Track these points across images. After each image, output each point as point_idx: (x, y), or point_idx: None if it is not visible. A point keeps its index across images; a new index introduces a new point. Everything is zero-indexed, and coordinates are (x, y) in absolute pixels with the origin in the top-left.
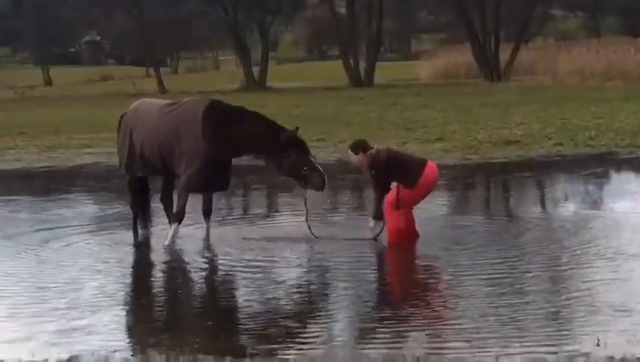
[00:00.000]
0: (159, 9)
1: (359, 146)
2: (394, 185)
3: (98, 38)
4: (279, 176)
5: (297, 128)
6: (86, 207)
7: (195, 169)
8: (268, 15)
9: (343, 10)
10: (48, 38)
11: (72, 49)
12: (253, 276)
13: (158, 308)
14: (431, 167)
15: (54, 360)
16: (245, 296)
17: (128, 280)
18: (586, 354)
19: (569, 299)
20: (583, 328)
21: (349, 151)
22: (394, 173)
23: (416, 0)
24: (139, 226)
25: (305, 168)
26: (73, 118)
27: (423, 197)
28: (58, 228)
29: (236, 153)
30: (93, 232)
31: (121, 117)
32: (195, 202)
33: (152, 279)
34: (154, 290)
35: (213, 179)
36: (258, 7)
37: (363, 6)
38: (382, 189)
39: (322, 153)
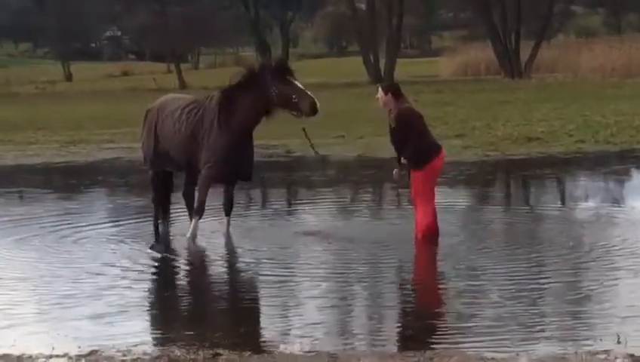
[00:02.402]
0: (180, 5)
1: (391, 88)
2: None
3: (119, 33)
4: (275, 109)
5: (284, 57)
6: (106, 202)
7: (216, 157)
8: (288, 11)
9: (363, 7)
10: (69, 34)
11: (93, 44)
12: (274, 272)
13: (178, 303)
14: (444, 153)
15: (75, 354)
16: (266, 292)
17: (149, 275)
18: (607, 352)
19: (589, 296)
20: (604, 325)
21: (379, 90)
22: (417, 133)
23: None
24: (160, 220)
25: (294, 96)
26: (94, 113)
27: (434, 183)
28: (78, 222)
29: (251, 118)
30: (113, 227)
31: (146, 112)
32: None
33: (172, 274)
34: (174, 285)
35: (233, 167)
36: (279, 4)
37: (383, 2)
38: (397, 143)
39: (342, 149)
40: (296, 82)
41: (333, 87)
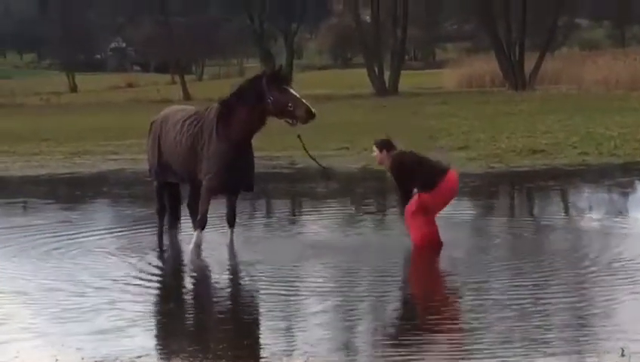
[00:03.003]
0: (184, 16)
1: (384, 145)
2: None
3: (124, 45)
4: (271, 117)
5: (281, 66)
6: (110, 213)
7: (216, 168)
8: (293, 23)
9: (367, 19)
10: (74, 45)
11: (98, 56)
12: (278, 284)
13: (182, 315)
14: (452, 174)
15: None
16: (269, 304)
17: (152, 286)
18: None
19: (593, 310)
20: (608, 339)
21: (374, 147)
22: (414, 176)
23: (441, 8)
24: (166, 231)
25: (289, 104)
26: (98, 124)
27: (443, 204)
28: (81, 233)
29: (245, 132)
30: (118, 238)
31: (151, 124)
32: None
33: (176, 285)
34: (178, 296)
35: (233, 177)
36: (283, 15)
37: (388, 14)
38: (403, 190)
39: (346, 161)
40: (292, 90)
41: (338, 99)
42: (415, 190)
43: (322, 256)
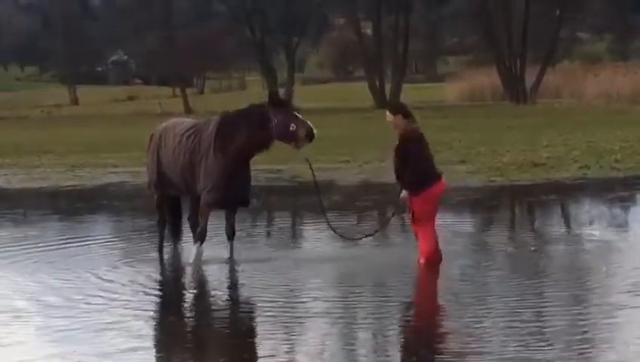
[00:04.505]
0: (186, 29)
1: (399, 108)
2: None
3: (125, 57)
4: (275, 140)
5: (277, 91)
6: (111, 226)
7: (213, 182)
8: (294, 36)
9: (369, 32)
10: (76, 58)
11: (99, 68)
12: (278, 298)
13: (183, 328)
14: (443, 183)
15: None
16: (270, 318)
17: (153, 299)
18: None
19: (593, 326)
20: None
21: (388, 112)
22: (417, 156)
23: (442, 22)
24: (169, 243)
25: (292, 125)
26: (99, 137)
27: (434, 210)
28: (83, 246)
29: (244, 152)
30: (118, 250)
31: (151, 136)
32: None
33: (177, 298)
34: (178, 310)
35: (231, 192)
36: (284, 29)
37: (389, 27)
38: (402, 162)
39: (347, 174)
40: (295, 112)
41: (339, 112)
42: (405, 192)
43: (323, 270)
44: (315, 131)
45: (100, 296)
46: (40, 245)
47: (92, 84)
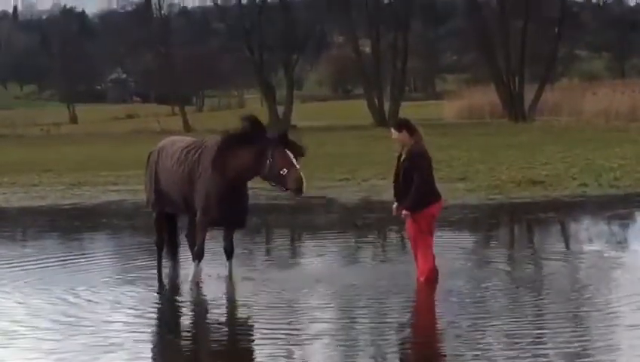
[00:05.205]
0: (185, 48)
1: (402, 124)
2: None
3: (124, 76)
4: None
5: (286, 130)
6: (110, 244)
7: (208, 202)
8: (293, 54)
9: (367, 50)
10: (74, 76)
11: (98, 87)
12: (277, 317)
13: (180, 347)
14: (441, 203)
15: None
16: (267, 337)
17: (152, 317)
18: None
19: (592, 345)
20: None
21: (392, 129)
22: (422, 170)
23: (440, 39)
24: (166, 262)
25: (284, 169)
26: (98, 155)
27: (430, 228)
28: (83, 265)
29: (240, 176)
30: (118, 269)
31: (149, 154)
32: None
33: (175, 317)
34: (177, 328)
35: (227, 212)
36: (283, 46)
37: (388, 45)
38: (422, 178)
39: (346, 192)
40: (293, 158)
41: (338, 130)
42: (405, 212)
43: (322, 289)
44: (304, 187)
45: (98, 316)
46: (38, 263)
47: (91, 102)
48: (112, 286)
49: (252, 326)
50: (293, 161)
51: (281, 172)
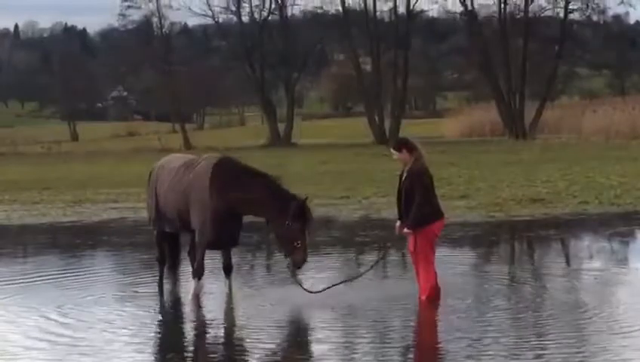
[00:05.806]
0: (186, 66)
1: (402, 144)
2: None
3: (125, 93)
4: (272, 235)
5: (307, 197)
6: (110, 262)
7: (204, 223)
8: (293, 72)
9: (368, 68)
10: (75, 94)
11: (99, 105)
12: (277, 335)
13: None
14: (443, 221)
15: None
16: (267, 355)
17: (152, 334)
18: None
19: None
20: None
21: (392, 150)
22: (422, 188)
23: (441, 58)
24: (168, 279)
25: (298, 242)
26: (99, 173)
27: (431, 246)
28: (83, 282)
29: (241, 211)
30: (118, 287)
31: (150, 172)
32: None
33: (176, 334)
34: (176, 347)
35: (222, 234)
36: (284, 64)
37: (388, 63)
38: (424, 197)
39: (346, 210)
40: (307, 231)
41: (339, 148)
42: (407, 230)
43: (324, 308)
44: (304, 264)
45: (102, 333)
46: (37, 281)
47: (92, 120)
48: (110, 303)
49: (252, 345)
50: (307, 236)
51: (295, 244)
